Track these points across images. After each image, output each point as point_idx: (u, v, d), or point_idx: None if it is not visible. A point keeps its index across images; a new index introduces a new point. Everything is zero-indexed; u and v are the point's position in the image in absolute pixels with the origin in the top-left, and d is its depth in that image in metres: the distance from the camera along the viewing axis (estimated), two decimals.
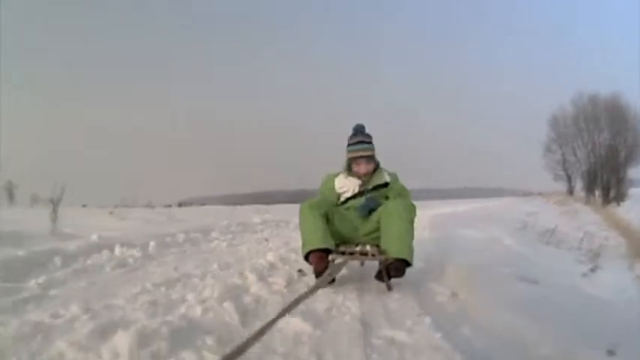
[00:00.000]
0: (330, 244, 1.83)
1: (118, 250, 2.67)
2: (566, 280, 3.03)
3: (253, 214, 7.43)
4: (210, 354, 1.03)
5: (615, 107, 19.31)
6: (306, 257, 1.86)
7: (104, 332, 1.11)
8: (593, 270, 5.06)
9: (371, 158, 2.10)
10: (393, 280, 1.81)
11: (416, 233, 1.91)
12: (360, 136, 2.12)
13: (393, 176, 2.16)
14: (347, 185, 2.09)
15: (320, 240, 1.80)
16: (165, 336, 1.07)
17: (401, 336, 1.24)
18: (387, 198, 2.07)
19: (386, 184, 2.11)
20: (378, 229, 1.91)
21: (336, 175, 2.15)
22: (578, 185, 20.98)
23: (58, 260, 2.31)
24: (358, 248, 1.94)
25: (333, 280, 1.89)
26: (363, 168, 2.07)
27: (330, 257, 1.79)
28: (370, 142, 2.11)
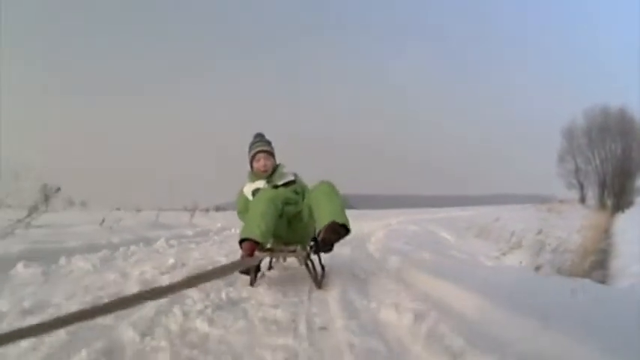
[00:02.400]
0: (267, 241, 1.89)
1: (233, 230, 5.81)
2: (461, 255, 5.72)
3: None
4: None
5: (624, 119, 20.55)
6: (241, 241, 1.88)
7: None
8: (504, 254, 7.81)
9: (270, 155, 2.26)
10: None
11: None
12: (258, 138, 2.33)
13: (296, 175, 2.30)
14: (255, 186, 2.17)
15: (262, 233, 1.82)
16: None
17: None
18: (296, 193, 2.17)
19: (293, 181, 2.24)
20: (308, 229, 2.03)
21: (243, 188, 2.24)
22: (591, 193, 22.26)
23: (212, 234, 5.46)
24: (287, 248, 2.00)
25: (257, 270, 2.03)
26: (262, 163, 2.22)
27: (256, 252, 1.83)
28: (269, 143, 2.31)
